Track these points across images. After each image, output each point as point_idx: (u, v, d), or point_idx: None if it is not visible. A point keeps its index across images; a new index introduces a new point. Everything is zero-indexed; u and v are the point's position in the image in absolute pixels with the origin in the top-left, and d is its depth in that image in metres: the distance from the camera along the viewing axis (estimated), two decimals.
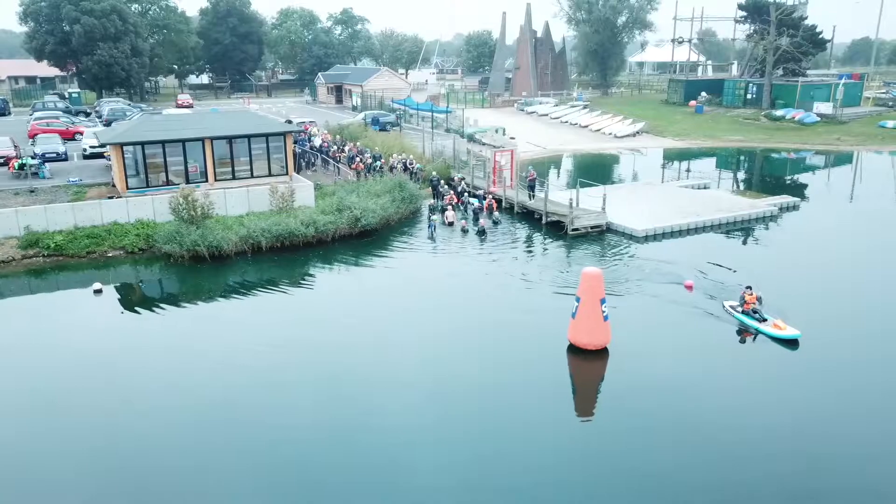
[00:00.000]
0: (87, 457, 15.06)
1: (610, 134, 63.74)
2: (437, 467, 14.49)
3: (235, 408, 16.75)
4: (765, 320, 20.62)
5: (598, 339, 19.09)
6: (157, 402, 17.08)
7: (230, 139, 34.40)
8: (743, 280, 23.22)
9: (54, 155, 40.64)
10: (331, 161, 42.13)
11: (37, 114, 56.95)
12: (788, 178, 48.71)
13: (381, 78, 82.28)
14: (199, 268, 27.01)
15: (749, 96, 73.74)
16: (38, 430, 15.94)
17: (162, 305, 24.04)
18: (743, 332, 20.79)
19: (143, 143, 32.69)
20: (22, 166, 35.88)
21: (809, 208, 37.41)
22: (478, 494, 13.66)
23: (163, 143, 32.90)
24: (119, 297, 24.84)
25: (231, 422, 16.15)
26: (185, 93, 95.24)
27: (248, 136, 34.86)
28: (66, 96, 78.52)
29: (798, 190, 42.21)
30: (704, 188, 40.81)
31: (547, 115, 73.39)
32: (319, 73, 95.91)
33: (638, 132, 64.23)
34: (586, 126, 67.25)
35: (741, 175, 49.93)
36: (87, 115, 65.04)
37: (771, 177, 49.02)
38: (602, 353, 19.20)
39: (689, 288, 23.91)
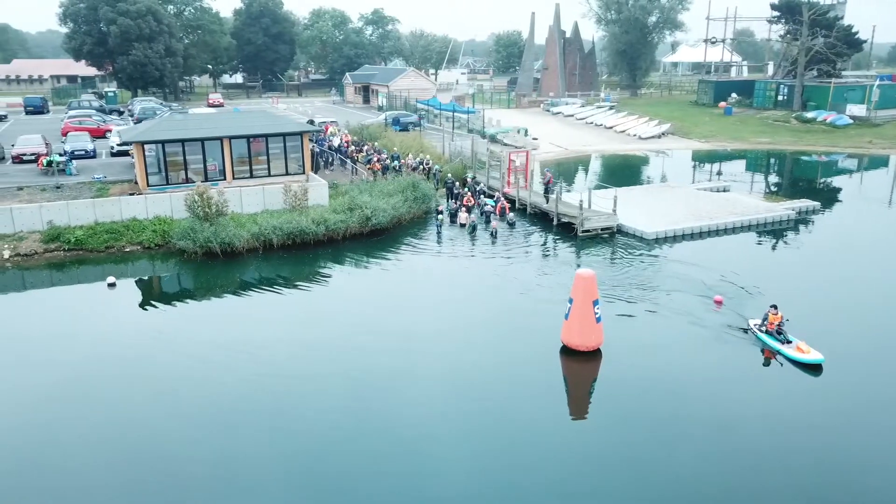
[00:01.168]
0: (100, 446, 15.49)
1: (634, 135, 63.12)
2: (433, 465, 14.73)
3: (243, 401, 17.15)
4: (789, 342, 19.38)
5: (591, 340, 19.05)
6: (163, 395, 17.58)
7: (248, 138, 35.15)
8: (755, 286, 22.83)
9: (83, 152, 41.96)
10: (348, 161, 42.66)
11: (71, 112, 58.88)
12: (813, 181, 47.63)
13: (407, 78, 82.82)
14: (210, 264, 27.66)
15: (780, 98, 72.30)
16: (50, 419, 16.57)
17: (171, 300, 24.75)
18: (765, 350, 19.65)
19: (163, 142, 33.65)
20: (50, 163, 37.17)
21: (831, 213, 36.59)
22: (475, 493, 13.83)
23: (182, 141, 33.79)
24: (131, 291, 25.62)
25: (238, 416, 16.54)
26: (216, 92, 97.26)
27: (266, 136, 35.55)
28: (103, 95, 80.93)
29: (821, 194, 41.22)
30: (723, 191, 40.19)
31: (572, 115, 73.01)
32: (347, 74, 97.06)
33: (663, 133, 63.52)
34: (611, 127, 66.73)
35: (771, 178, 49.02)
36: (121, 113, 66.94)
37: (802, 179, 48.05)
38: (594, 355, 19.17)
39: (719, 303, 22.65)
